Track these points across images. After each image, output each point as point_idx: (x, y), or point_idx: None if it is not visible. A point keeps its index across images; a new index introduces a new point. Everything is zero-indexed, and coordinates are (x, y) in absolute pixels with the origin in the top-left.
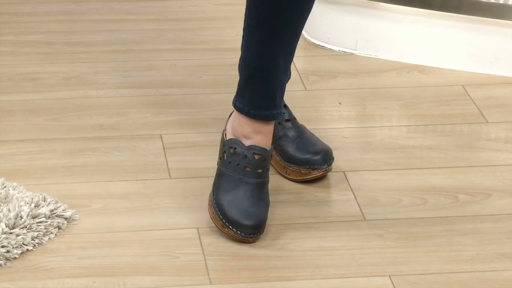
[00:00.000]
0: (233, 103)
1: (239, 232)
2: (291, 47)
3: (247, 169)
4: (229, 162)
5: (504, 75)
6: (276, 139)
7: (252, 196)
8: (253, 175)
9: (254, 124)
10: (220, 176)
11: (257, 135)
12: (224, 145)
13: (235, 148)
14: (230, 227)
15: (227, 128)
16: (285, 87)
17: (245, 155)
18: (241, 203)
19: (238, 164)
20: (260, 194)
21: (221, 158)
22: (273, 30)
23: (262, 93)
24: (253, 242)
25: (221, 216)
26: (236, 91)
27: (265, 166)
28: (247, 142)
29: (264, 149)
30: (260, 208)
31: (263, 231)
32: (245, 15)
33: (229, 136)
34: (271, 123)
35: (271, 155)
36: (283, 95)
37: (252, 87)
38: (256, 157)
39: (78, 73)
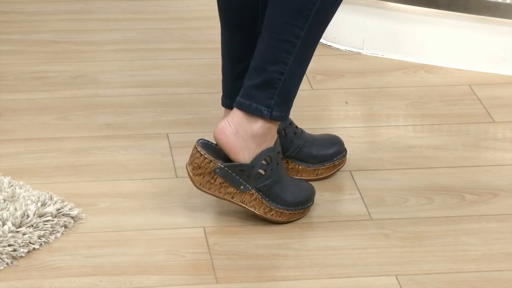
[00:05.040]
0: (268, 116)
1: (311, 202)
2: None
3: (283, 158)
4: (271, 170)
5: (511, 74)
6: (300, 149)
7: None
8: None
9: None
10: (271, 189)
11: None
12: (253, 167)
13: (269, 155)
14: (309, 204)
15: (243, 153)
16: None
17: (278, 152)
18: (300, 185)
19: (278, 164)
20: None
21: (258, 177)
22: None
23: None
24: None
25: (300, 206)
26: (267, 103)
27: None
28: (269, 144)
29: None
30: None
31: None
32: (291, 39)
33: (249, 154)
34: None
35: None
36: None
37: (296, 92)
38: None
39: (85, 72)
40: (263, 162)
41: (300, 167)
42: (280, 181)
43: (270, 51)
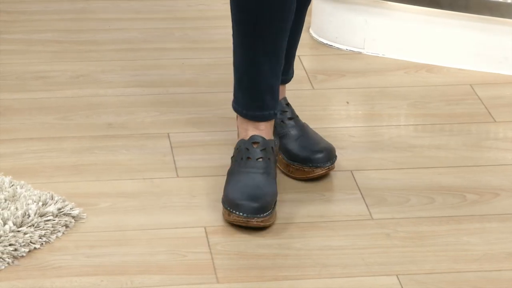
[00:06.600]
0: (232, 105)
1: (241, 214)
2: (275, 52)
3: (249, 159)
4: (236, 160)
5: None
6: (279, 138)
7: (255, 182)
8: (254, 164)
9: (251, 122)
10: (228, 175)
11: (256, 130)
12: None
13: (239, 146)
14: (233, 211)
15: (238, 139)
16: (278, 89)
17: (246, 148)
18: (244, 188)
19: (241, 158)
20: (265, 181)
21: (231, 161)
22: (253, 36)
23: (251, 96)
24: (257, 225)
25: (226, 205)
26: (234, 94)
27: (266, 155)
28: (247, 137)
29: (262, 138)
30: (263, 191)
31: (268, 214)
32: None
33: (238, 138)
34: (266, 121)
35: (275, 150)
36: (277, 96)
37: (242, 90)
38: (255, 146)
39: (87, 71)
40: (236, 149)
41: (280, 156)
42: (235, 173)
43: None
